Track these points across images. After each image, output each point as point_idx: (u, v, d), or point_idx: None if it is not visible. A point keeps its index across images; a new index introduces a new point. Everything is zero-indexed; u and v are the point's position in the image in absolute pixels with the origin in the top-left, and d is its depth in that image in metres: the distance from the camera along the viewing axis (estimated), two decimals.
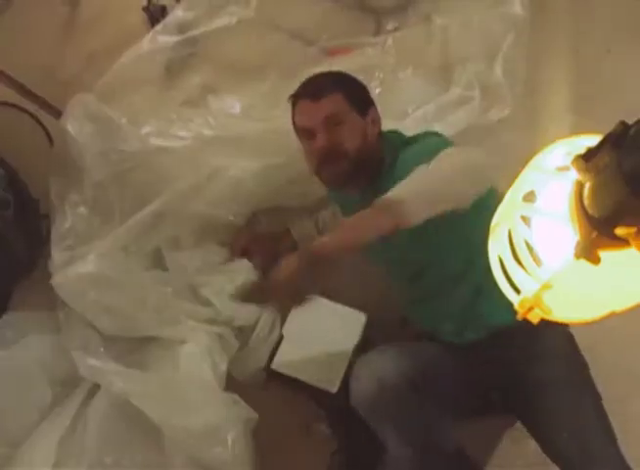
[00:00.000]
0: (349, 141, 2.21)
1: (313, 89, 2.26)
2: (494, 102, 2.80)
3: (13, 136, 2.93)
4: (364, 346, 2.45)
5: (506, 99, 2.78)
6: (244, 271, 2.64)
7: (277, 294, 2.29)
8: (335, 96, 2.22)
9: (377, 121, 2.33)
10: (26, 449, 2.41)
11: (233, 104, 2.80)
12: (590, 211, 0.70)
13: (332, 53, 2.93)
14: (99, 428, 2.40)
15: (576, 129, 0.83)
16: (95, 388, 2.49)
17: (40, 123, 3.00)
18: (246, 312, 2.62)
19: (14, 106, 3.00)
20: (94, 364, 2.43)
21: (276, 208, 2.84)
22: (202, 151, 2.60)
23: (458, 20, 2.91)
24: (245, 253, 2.69)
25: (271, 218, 2.86)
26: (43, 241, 2.71)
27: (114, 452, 2.39)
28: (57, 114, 2.79)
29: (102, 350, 2.52)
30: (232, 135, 2.66)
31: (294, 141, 2.34)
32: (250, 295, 2.57)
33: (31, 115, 3.00)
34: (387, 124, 2.42)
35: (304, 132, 2.27)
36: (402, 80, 2.84)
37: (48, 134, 3.00)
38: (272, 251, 2.67)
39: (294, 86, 2.33)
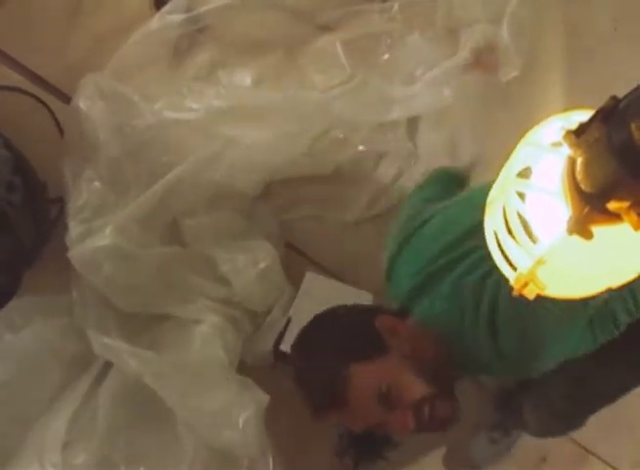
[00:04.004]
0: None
1: None
2: (502, 63, 2.83)
3: (20, 120, 2.98)
4: None
5: (514, 61, 2.81)
6: (268, 255, 2.69)
7: None
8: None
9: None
10: (38, 430, 2.49)
11: (243, 76, 2.87)
12: (583, 187, 0.73)
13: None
14: (110, 408, 2.49)
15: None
16: (106, 369, 2.58)
17: (47, 107, 3.06)
18: (262, 297, 2.67)
19: (20, 90, 3.06)
20: (108, 343, 2.50)
21: (290, 178, 2.89)
22: (215, 122, 2.65)
23: None
24: None
25: (285, 189, 2.90)
26: (51, 225, 2.77)
27: (126, 433, 2.48)
28: (64, 97, 2.88)
29: (116, 328, 2.60)
30: (245, 105, 2.72)
31: (306, 110, 2.27)
32: None
33: (38, 99, 3.06)
34: (396, 89, 2.39)
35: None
36: (410, 45, 2.87)
37: (55, 118, 3.06)
38: None
39: (301, 57, 2.24)
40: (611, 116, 0.68)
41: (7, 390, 2.54)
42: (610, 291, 0.80)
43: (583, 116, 0.75)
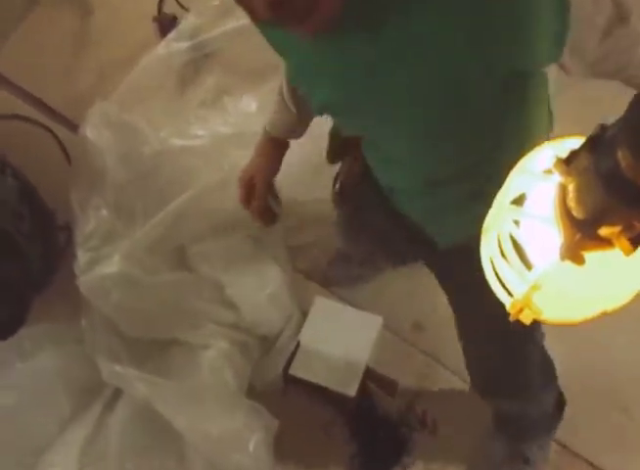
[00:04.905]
0: None
1: None
2: None
3: (28, 149, 3.03)
4: None
5: None
6: (276, 279, 2.71)
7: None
8: None
9: None
10: (49, 458, 2.52)
11: (249, 102, 2.89)
12: (574, 213, 0.75)
13: None
14: (121, 435, 2.51)
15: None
16: (116, 396, 2.59)
17: (55, 136, 3.11)
18: (270, 321, 2.69)
19: (28, 119, 3.10)
20: (117, 370, 2.51)
21: (298, 202, 2.87)
22: (221, 148, 2.68)
23: None
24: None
25: (293, 213, 2.89)
26: (60, 252, 2.80)
27: (136, 459, 2.48)
28: (72, 126, 2.91)
29: (125, 355, 2.62)
30: (251, 132, 2.66)
31: (314, 131, 2.25)
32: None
33: (46, 127, 3.10)
34: None
35: None
36: None
37: (63, 147, 3.11)
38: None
39: None
40: (598, 144, 0.70)
41: (18, 417, 2.56)
42: None
43: (574, 143, 0.77)
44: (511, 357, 2.03)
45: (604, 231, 0.72)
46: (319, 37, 1.25)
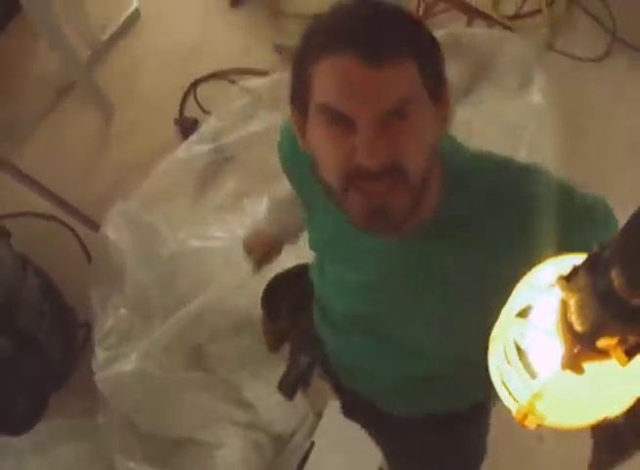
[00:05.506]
0: (415, 153, 1.20)
1: (374, 39, 1.15)
2: None
3: (50, 247, 3.11)
4: None
5: None
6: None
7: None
8: (408, 64, 1.16)
9: (449, 115, 1.31)
10: None
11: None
12: (575, 326, 0.79)
13: None
14: None
15: None
16: None
17: (76, 234, 3.19)
18: (284, 421, 2.70)
19: (51, 217, 3.19)
20: (133, 468, 2.56)
21: None
22: (239, 250, 2.68)
23: (480, 112, 3.03)
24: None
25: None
26: (79, 348, 2.84)
27: None
28: (92, 225, 2.98)
29: (141, 452, 2.65)
30: None
31: None
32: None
33: (68, 226, 3.19)
34: None
35: (329, 114, 1.18)
36: None
37: (84, 245, 3.19)
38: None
39: None
40: (596, 263, 0.75)
41: None
42: None
43: (576, 260, 0.81)
44: None
45: (601, 343, 0.76)
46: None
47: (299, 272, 1.94)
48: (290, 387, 2.14)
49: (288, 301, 2.06)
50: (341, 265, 1.54)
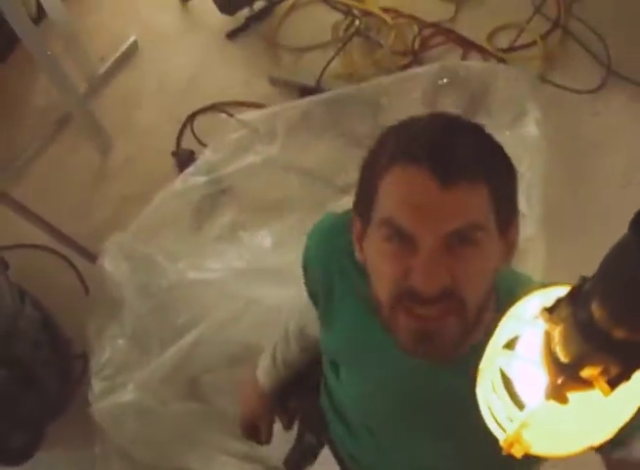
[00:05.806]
0: (475, 283, 1.18)
1: (449, 155, 1.14)
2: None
3: (47, 278, 3.13)
4: None
5: (527, 221, 2.79)
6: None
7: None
8: (480, 188, 1.15)
9: (515, 245, 1.28)
10: None
11: (264, 238, 2.96)
12: (559, 357, 0.81)
13: None
14: None
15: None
16: None
17: (73, 266, 3.21)
18: (282, 451, 2.70)
19: (48, 249, 3.20)
20: None
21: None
22: (236, 282, 2.72)
23: None
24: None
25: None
26: (76, 380, 2.86)
27: None
28: (89, 256, 3.00)
29: None
30: (265, 267, 2.82)
31: None
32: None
33: (65, 258, 3.21)
34: None
35: (392, 229, 1.16)
36: None
37: (81, 277, 3.20)
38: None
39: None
40: (577, 295, 0.77)
41: None
42: None
43: (561, 292, 0.83)
44: None
45: (585, 373, 0.78)
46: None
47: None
48: (295, 465, 2.18)
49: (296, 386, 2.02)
50: (356, 374, 1.50)
